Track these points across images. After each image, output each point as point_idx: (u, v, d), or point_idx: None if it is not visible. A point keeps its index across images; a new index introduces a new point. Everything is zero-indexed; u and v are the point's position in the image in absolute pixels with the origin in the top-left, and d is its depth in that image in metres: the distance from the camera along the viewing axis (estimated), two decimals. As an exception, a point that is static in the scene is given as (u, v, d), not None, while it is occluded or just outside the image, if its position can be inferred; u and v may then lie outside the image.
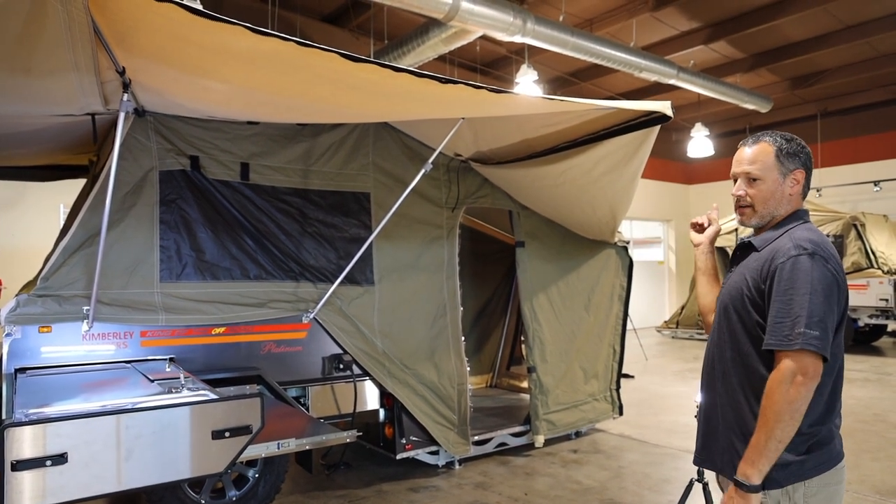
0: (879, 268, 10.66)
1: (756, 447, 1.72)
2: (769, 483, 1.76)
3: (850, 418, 6.35)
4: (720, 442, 1.93)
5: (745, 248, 1.98)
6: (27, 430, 2.14)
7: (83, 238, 3.46)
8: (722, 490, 2.02)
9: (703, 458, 2.02)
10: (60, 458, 2.17)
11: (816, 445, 1.78)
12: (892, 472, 4.82)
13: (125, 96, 2.82)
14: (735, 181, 1.98)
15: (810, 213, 2.00)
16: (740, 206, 1.96)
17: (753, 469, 1.72)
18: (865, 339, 11.83)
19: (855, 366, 9.62)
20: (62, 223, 7.17)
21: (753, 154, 1.92)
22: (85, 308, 3.38)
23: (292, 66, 2.64)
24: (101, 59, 2.50)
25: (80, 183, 5.23)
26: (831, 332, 1.72)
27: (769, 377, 1.73)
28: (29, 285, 3.67)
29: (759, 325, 1.82)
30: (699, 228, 2.25)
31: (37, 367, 3.32)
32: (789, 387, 1.67)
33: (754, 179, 1.91)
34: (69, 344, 3.42)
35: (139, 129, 3.70)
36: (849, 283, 2.04)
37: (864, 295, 10.53)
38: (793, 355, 1.68)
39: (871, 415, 6.59)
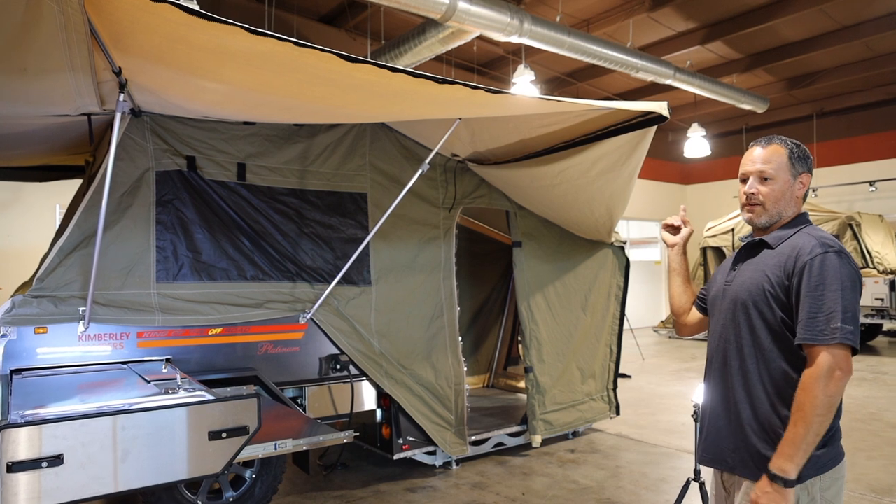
0: (875, 267, 10.71)
1: (793, 442, 1.72)
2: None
3: (846, 417, 6.35)
4: (732, 440, 1.92)
5: (754, 247, 2.00)
6: (23, 431, 2.13)
7: (79, 239, 3.45)
8: (725, 490, 2.00)
9: (711, 456, 2.01)
10: (56, 460, 2.16)
11: (831, 440, 1.82)
12: (888, 470, 4.84)
13: (121, 96, 2.82)
14: (743, 181, 2.00)
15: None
16: (751, 203, 1.97)
17: (791, 464, 1.72)
18: (861, 339, 11.84)
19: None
20: (58, 224, 7.16)
21: (767, 154, 1.95)
22: (81, 309, 3.37)
23: (289, 66, 2.64)
24: (98, 59, 2.49)
25: (77, 183, 5.21)
26: (859, 327, 1.77)
27: (805, 372, 1.75)
28: (25, 286, 3.65)
29: (783, 322, 1.84)
30: (673, 230, 2.27)
31: (33, 369, 3.31)
32: (828, 381, 1.70)
33: (767, 179, 1.94)
34: (65, 345, 3.41)
35: (135, 129, 3.69)
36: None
37: (861, 294, 10.58)
38: (829, 350, 1.71)
39: (866, 413, 6.61)
